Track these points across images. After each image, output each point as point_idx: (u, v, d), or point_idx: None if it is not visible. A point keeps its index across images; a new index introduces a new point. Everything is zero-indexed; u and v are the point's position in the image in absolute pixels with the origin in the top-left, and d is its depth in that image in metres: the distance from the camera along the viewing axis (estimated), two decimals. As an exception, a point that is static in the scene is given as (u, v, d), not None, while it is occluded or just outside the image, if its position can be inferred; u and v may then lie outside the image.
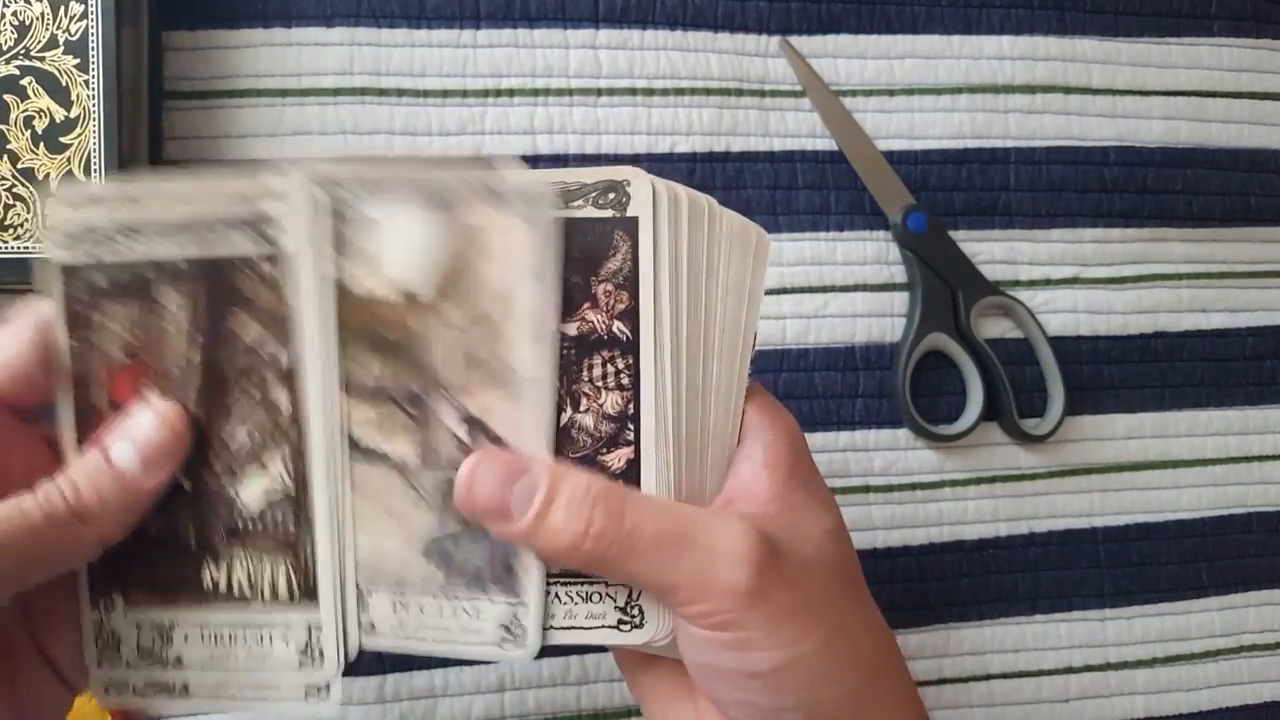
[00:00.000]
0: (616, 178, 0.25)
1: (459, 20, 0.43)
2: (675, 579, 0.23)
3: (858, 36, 0.46)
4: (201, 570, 0.26)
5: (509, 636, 0.25)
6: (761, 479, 0.25)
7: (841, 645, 0.24)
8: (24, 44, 0.37)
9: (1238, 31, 0.49)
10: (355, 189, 0.25)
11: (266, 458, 0.25)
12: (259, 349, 0.25)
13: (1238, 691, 0.46)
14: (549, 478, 0.24)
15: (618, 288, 0.25)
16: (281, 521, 0.25)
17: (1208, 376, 0.47)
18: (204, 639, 0.26)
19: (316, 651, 0.25)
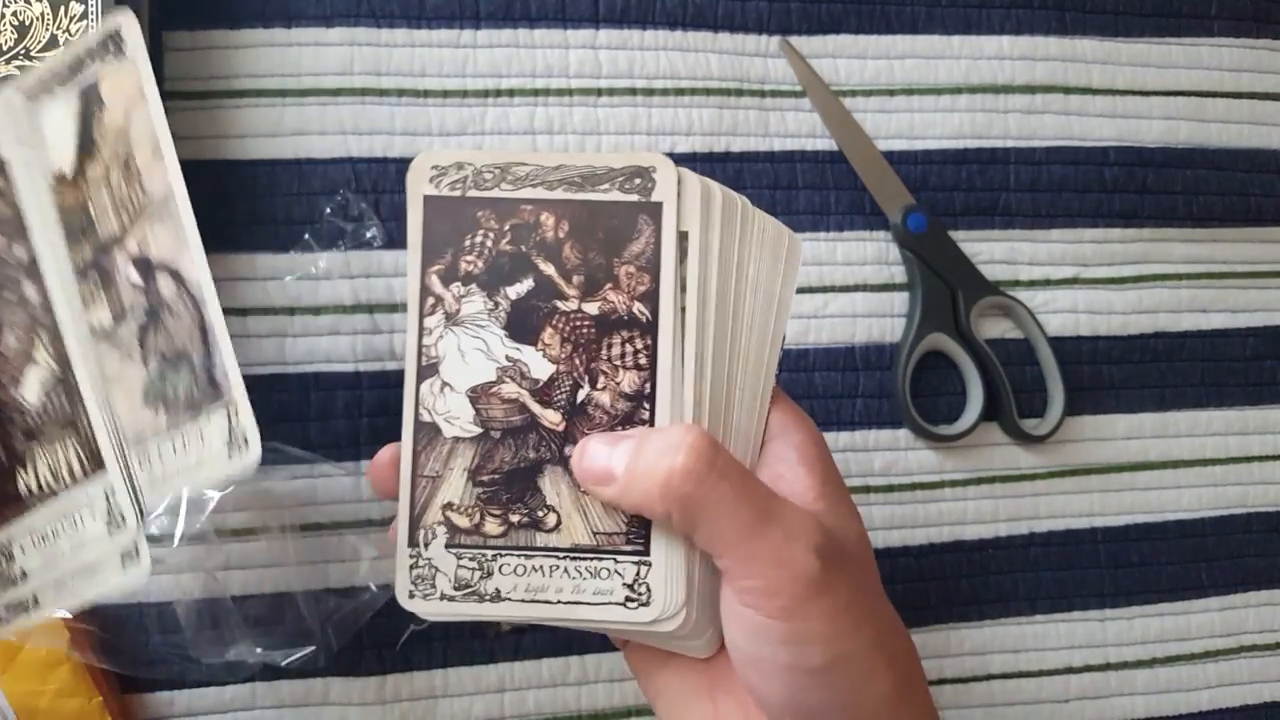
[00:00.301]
0: (643, 164, 0.26)
1: (459, 20, 0.43)
2: (754, 548, 0.23)
3: (858, 36, 0.46)
4: (15, 479, 0.27)
5: (232, 444, 0.26)
6: (802, 477, 0.25)
7: (883, 644, 0.24)
8: (24, 44, 0.37)
9: (1238, 31, 0.49)
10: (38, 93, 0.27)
11: (35, 351, 0.27)
12: (4, 256, 0.27)
13: (1238, 692, 0.46)
14: (642, 432, 0.24)
15: (640, 270, 0.25)
16: (59, 404, 0.27)
17: (1208, 377, 0.47)
18: (35, 544, 0.27)
19: (118, 514, 0.26)
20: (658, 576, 0.25)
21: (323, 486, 0.41)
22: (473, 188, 0.26)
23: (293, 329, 0.41)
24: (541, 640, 0.42)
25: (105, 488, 0.26)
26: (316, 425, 0.41)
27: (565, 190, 0.26)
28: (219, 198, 0.41)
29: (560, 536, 0.26)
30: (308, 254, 0.42)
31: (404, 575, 0.25)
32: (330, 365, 0.42)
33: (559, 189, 0.26)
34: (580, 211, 0.26)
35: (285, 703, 0.40)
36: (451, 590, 0.26)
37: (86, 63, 0.27)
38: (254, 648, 0.38)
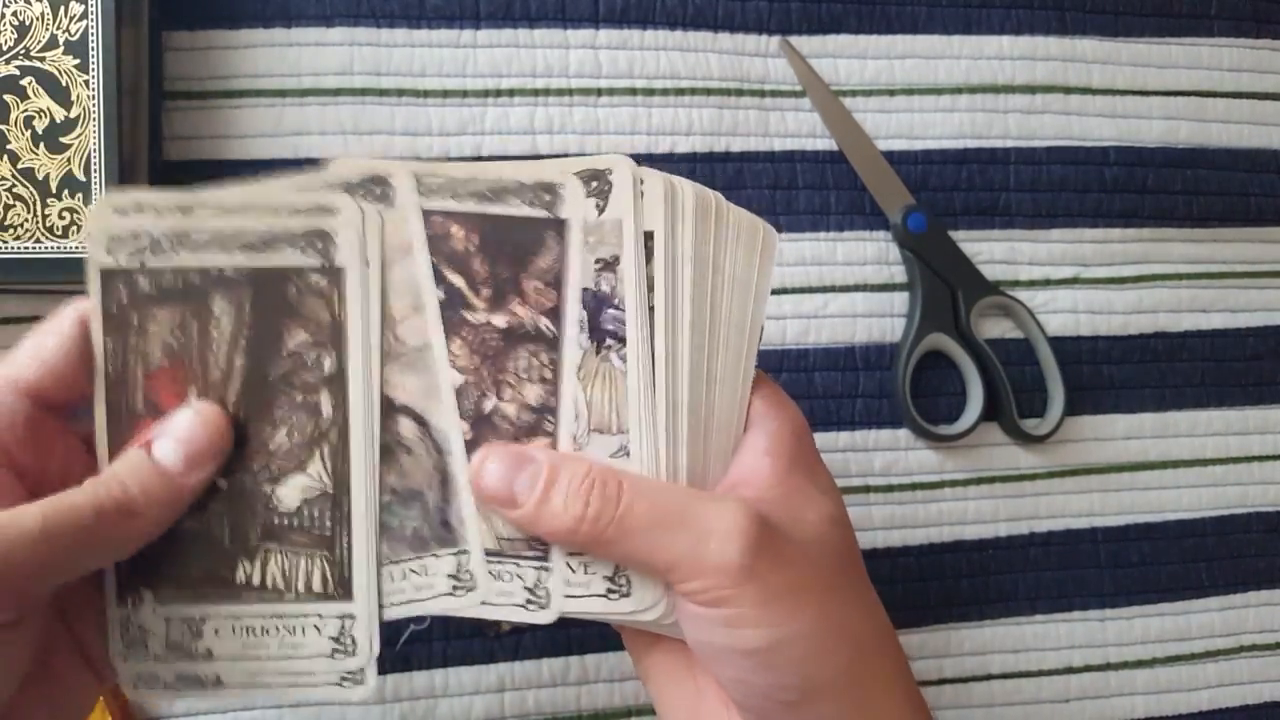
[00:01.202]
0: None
1: (459, 20, 0.43)
2: (669, 556, 0.24)
3: (858, 36, 0.46)
4: (235, 566, 0.26)
5: (459, 583, 0.26)
6: (764, 465, 0.26)
7: (834, 626, 0.25)
8: (24, 44, 0.37)
9: (1238, 31, 0.49)
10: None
11: (305, 458, 0.26)
12: (303, 355, 0.26)
13: (1238, 692, 0.46)
14: (549, 465, 0.25)
15: (546, 285, 0.26)
16: (318, 519, 0.26)
17: (1208, 376, 0.47)
18: (235, 632, 0.26)
19: (349, 640, 0.26)
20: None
21: (323, 486, 0.41)
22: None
23: (293, 329, 0.41)
24: (542, 640, 0.42)
25: (342, 613, 0.26)
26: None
27: (474, 203, 0.26)
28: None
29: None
30: (308, 254, 0.42)
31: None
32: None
33: (468, 201, 0.26)
34: (488, 225, 0.26)
35: (285, 702, 0.40)
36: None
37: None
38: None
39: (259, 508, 0.26)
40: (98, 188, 0.37)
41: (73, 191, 0.37)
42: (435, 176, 0.26)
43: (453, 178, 0.26)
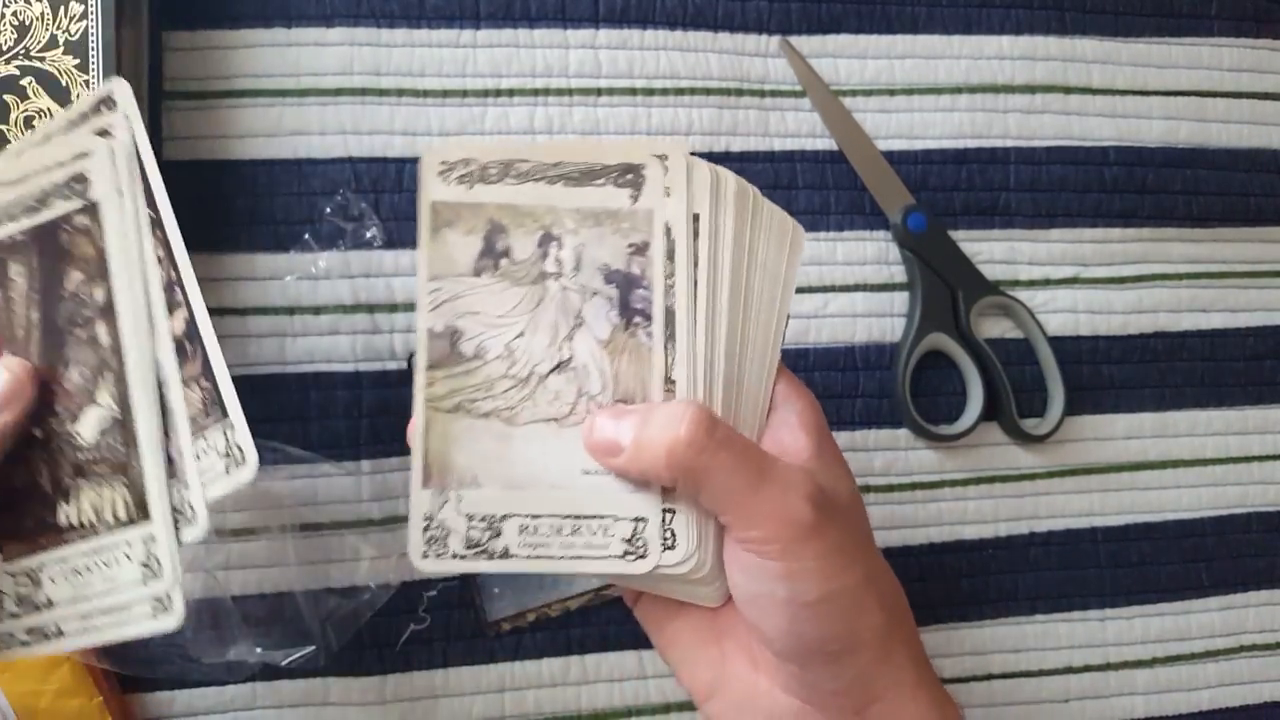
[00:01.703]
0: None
1: (459, 20, 0.43)
2: (750, 501, 0.25)
3: (858, 36, 0.46)
4: (57, 510, 0.28)
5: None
6: (801, 438, 0.28)
7: (872, 585, 0.27)
8: (24, 44, 0.37)
9: (1238, 31, 0.49)
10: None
11: (98, 392, 0.28)
12: (81, 294, 0.28)
13: (1238, 691, 0.46)
14: (647, 407, 0.27)
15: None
16: (113, 446, 0.28)
17: (1208, 376, 0.47)
18: (66, 576, 0.28)
19: (155, 562, 0.27)
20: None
21: (323, 486, 0.41)
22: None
23: (292, 329, 0.41)
24: (542, 640, 0.42)
25: (146, 536, 0.27)
26: (316, 425, 0.41)
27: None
28: (219, 198, 0.41)
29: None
30: (307, 254, 0.42)
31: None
32: (330, 365, 0.42)
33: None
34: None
35: (285, 703, 0.40)
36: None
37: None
38: (254, 647, 0.38)
39: (68, 449, 0.28)
40: (97, 188, 0.37)
41: (73, 191, 0.37)
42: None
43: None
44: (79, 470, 0.28)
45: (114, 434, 0.27)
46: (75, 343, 0.28)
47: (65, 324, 0.28)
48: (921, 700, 0.27)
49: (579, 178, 0.27)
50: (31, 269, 0.28)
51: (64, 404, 0.28)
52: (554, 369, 0.27)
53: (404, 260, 0.42)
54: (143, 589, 0.27)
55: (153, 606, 0.27)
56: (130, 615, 0.27)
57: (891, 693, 0.27)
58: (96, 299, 0.28)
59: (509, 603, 0.41)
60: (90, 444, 0.28)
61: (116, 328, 0.27)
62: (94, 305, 0.28)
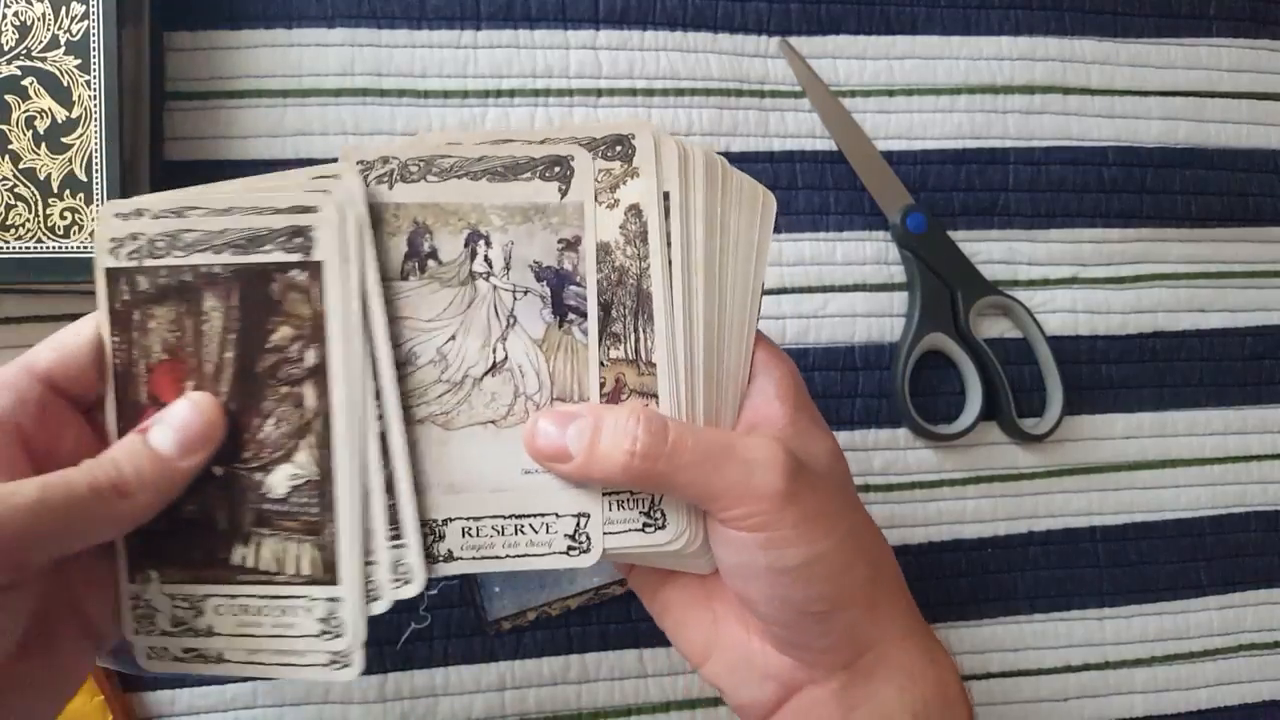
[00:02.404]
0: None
1: (460, 21, 0.43)
2: (718, 487, 0.26)
3: (857, 37, 0.46)
4: (231, 549, 0.27)
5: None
6: (775, 407, 0.28)
7: (853, 542, 0.27)
8: (25, 44, 0.37)
9: (1236, 32, 0.49)
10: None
11: (292, 448, 0.27)
12: (289, 351, 0.27)
13: (1236, 690, 0.46)
14: (593, 414, 0.26)
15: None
16: (306, 505, 0.27)
17: (1206, 376, 0.47)
18: (233, 611, 0.28)
19: (336, 622, 0.27)
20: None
21: (324, 486, 0.41)
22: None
23: (294, 329, 0.42)
24: (542, 639, 0.42)
25: (330, 596, 0.27)
26: (317, 425, 0.41)
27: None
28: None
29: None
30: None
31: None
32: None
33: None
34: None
35: (286, 701, 0.40)
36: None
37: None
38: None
39: (250, 495, 0.27)
40: (99, 188, 0.37)
41: (74, 192, 0.37)
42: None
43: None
44: (261, 519, 0.27)
45: (307, 494, 0.27)
46: (274, 396, 0.27)
47: (265, 375, 0.27)
48: (910, 649, 0.28)
49: (504, 172, 0.27)
50: (230, 307, 0.27)
51: (252, 453, 0.27)
52: (488, 371, 0.27)
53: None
54: (319, 643, 0.27)
55: (329, 659, 0.27)
56: (305, 659, 0.27)
57: (881, 643, 0.28)
58: (307, 360, 0.27)
59: (509, 601, 0.41)
60: (279, 497, 0.27)
61: (328, 393, 0.27)
62: (303, 366, 0.27)
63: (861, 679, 0.28)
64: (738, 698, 0.29)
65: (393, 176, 0.27)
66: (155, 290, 0.27)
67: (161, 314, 0.27)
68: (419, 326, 0.27)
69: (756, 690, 0.29)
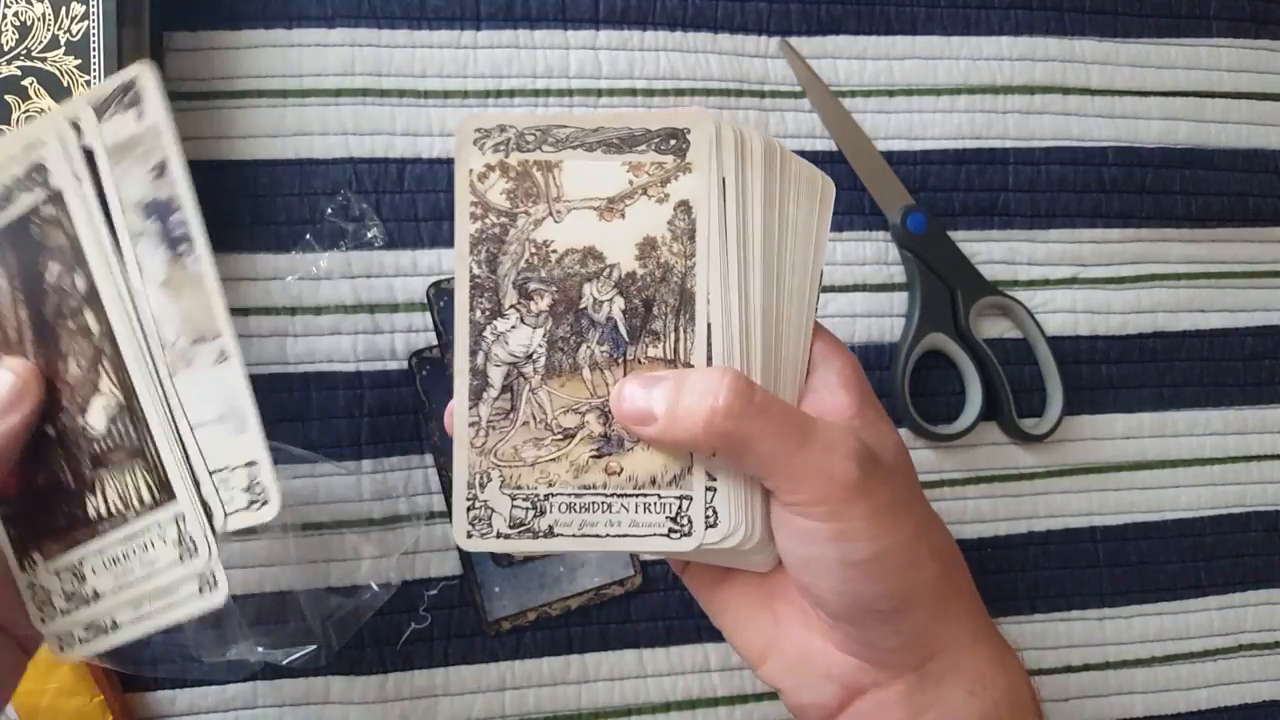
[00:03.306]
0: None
1: (460, 21, 0.43)
2: (796, 465, 0.25)
3: (857, 37, 0.46)
4: (84, 503, 0.28)
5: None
6: (842, 397, 0.27)
7: (924, 539, 0.27)
8: (25, 45, 0.37)
9: (1236, 32, 0.49)
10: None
11: (99, 380, 0.28)
12: (63, 284, 0.28)
13: (1236, 690, 0.46)
14: (680, 374, 0.26)
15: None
16: (124, 432, 0.27)
17: (1206, 376, 0.47)
18: (106, 566, 0.28)
19: (190, 542, 0.27)
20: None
21: (323, 486, 0.41)
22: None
23: (294, 329, 0.42)
24: (542, 639, 0.42)
25: (175, 515, 0.27)
26: (317, 425, 0.41)
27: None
28: (220, 198, 0.41)
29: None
30: (309, 254, 0.42)
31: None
32: (331, 365, 0.42)
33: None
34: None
35: (286, 701, 0.40)
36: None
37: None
38: (255, 646, 0.38)
39: (81, 442, 0.28)
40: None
41: (74, 192, 0.37)
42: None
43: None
44: (97, 460, 0.28)
45: (123, 419, 0.27)
46: (67, 335, 0.28)
47: (54, 317, 0.28)
48: (980, 653, 0.27)
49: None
50: (10, 267, 0.28)
51: (69, 398, 0.28)
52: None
53: (404, 260, 0.42)
54: (182, 568, 0.27)
55: (198, 584, 0.27)
56: (178, 597, 0.27)
57: (950, 646, 0.27)
58: (79, 287, 0.27)
59: (509, 602, 0.41)
60: (102, 433, 0.28)
61: (105, 312, 0.27)
62: (78, 294, 0.27)
63: (931, 683, 0.27)
64: (798, 699, 0.28)
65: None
66: None
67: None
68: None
69: (817, 692, 0.28)
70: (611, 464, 0.27)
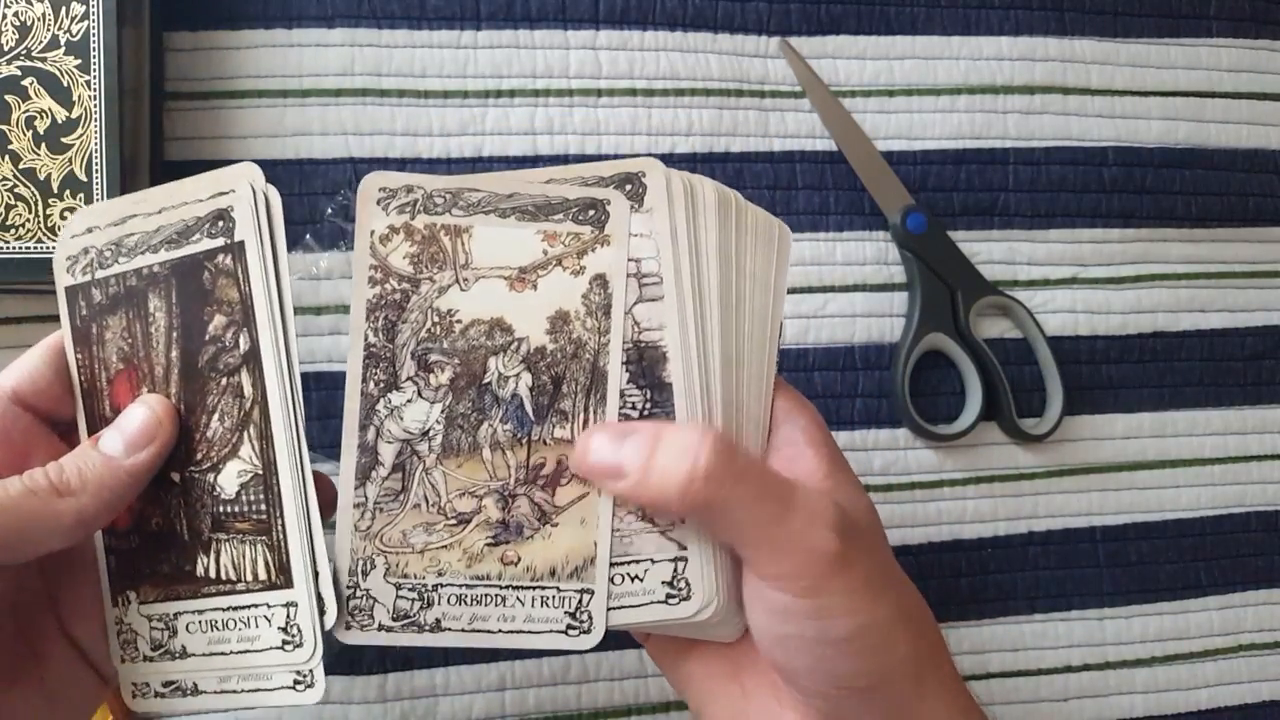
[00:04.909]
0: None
1: (460, 21, 0.43)
2: (777, 536, 0.23)
3: (857, 37, 0.46)
4: (195, 559, 0.27)
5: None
6: (811, 458, 0.26)
7: (901, 611, 0.25)
8: (25, 44, 0.37)
9: (1236, 32, 0.49)
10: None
11: (236, 442, 0.26)
12: (223, 337, 0.26)
13: (1236, 691, 0.46)
14: (654, 429, 0.24)
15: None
16: (254, 504, 0.26)
17: (1206, 376, 0.47)
18: (202, 627, 0.27)
19: (295, 631, 0.26)
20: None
21: (324, 486, 0.41)
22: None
23: (294, 329, 0.42)
24: (542, 639, 0.42)
25: (287, 602, 0.26)
26: (317, 425, 0.41)
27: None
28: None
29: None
30: (309, 254, 0.42)
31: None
32: (331, 365, 0.42)
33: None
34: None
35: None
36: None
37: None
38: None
39: (206, 498, 0.26)
40: (99, 188, 0.37)
41: (74, 192, 0.37)
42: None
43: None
44: (218, 523, 0.26)
45: (256, 490, 0.26)
46: (217, 390, 0.26)
47: (207, 368, 0.26)
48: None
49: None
50: (171, 305, 0.27)
51: (204, 452, 0.26)
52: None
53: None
54: (282, 656, 0.26)
55: (294, 678, 0.26)
56: (271, 685, 0.26)
57: (928, 717, 0.26)
58: (241, 346, 0.26)
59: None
60: (230, 497, 0.26)
61: (262, 379, 0.26)
62: (238, 353, 0.26)
63: None
64: None
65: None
66: (108, 300, 0.27)
67: (114, 323, 0.27)
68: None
69: None
70: (508, 553, 0.25)
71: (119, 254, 0.27)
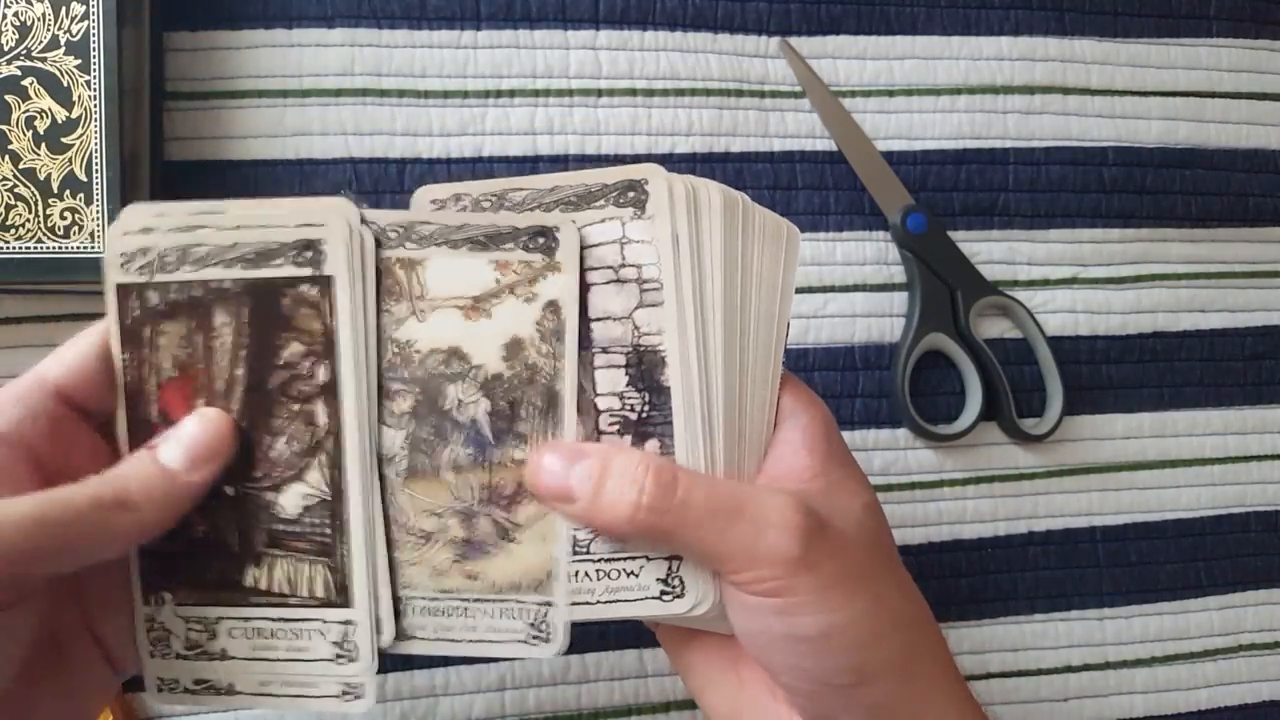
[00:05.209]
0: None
1: (460, 21, 0.43)
2: (727, 548, 0.24)
3: (857, 37, 0.46)
4: (244, 571, 0.27)
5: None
6: (802, 458, 0.27)
7: (883, 610, 0.26)
8: (25, 44, 0.37)
9: (1236, 32, 0.49)
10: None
11: (303, 467, 0.27)
12: (299, 367, 0.27)
13: (1236, 690, 0.46)
14: (602, 456, 0.25)
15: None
16: (317, 527, 0.27)
17: (1206, 376, 0.47)
18: (247, 634, 0.27)
19: (351, 646, 0.27)
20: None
21: (324, 486, 0.41)
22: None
23: (294, 329, 0.42)
24: (542, 639, 0.42)
25: (344, 619, 0.27)
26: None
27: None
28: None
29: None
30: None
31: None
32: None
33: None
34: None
35: (288, 712, 0.40)
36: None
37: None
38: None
39: (263, 515, 0.27)
40: (99, 188, 0.37)
41: (74, 192, 0.37)
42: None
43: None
44: (274, 540, 0.27)
45: (321, 515, 0.27)
46: (287, 415, 0.27)
47: (276, 392, 0.27)
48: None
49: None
50: (240, 323, 0.27)
51: (264, 470, 0.27)
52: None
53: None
54: (335, 668, 0.27)
55: (343, 689, 0.27)
56: (317, 692, 0.27)
57: (919, 716, 0.26)
58: (318, 377, 0.26)
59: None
60: (290, 517, 0.27)
61: (338, 412, 0.26)
62: (314, 383, 0.26)
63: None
64: None
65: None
66: (166, 306, 0.27)
67: (172, 330, 0.27)
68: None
69: None
70: (471, 569, 0.27)
71: (184, 261, 0.27)
